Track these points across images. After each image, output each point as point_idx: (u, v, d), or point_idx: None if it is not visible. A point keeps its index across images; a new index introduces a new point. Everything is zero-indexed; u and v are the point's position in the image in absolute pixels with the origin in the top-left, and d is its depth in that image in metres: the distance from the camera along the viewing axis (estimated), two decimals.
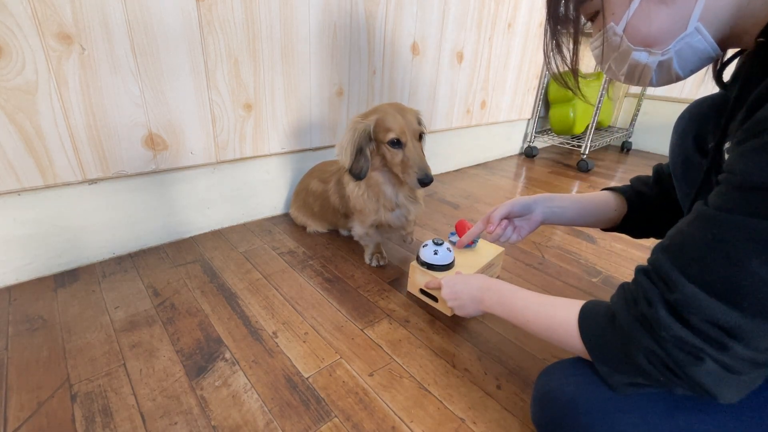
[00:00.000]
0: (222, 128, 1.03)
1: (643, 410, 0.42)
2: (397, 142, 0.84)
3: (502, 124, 1.99)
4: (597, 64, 0.56)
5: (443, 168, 1.79)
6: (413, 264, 0.85)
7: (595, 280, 0.99)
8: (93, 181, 0.90)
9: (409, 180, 0.84)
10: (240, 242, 1.08)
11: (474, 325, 0.80)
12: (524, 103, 2.03)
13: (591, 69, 2.30)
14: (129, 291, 0.86)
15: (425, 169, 0.83)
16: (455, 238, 0.92)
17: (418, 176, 0.83)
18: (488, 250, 0.92)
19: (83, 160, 0.86)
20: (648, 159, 2.23)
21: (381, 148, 0.87)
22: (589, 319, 0.46)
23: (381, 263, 1.00)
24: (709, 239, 0.35)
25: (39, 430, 0.55)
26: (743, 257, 0.33)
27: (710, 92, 0.57)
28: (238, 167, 1.12)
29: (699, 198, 0.40)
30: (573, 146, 2.06)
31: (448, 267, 0.82)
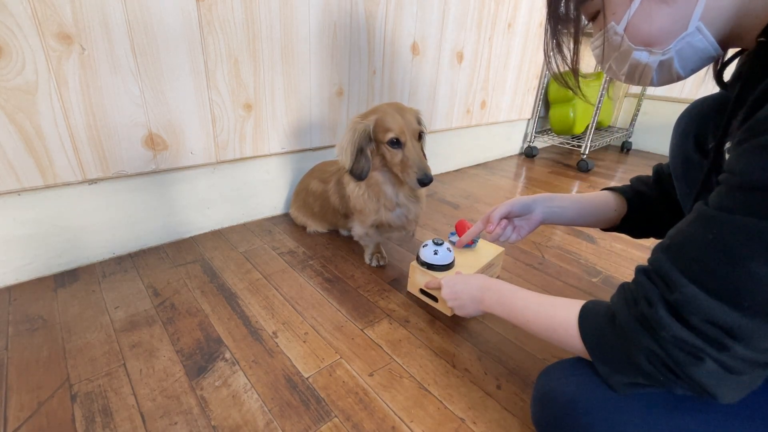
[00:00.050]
0: (222, 128, 1.03)
1: (643, 410, 0.42)
2: (397, 142, 0.84)
3: (502, 124, 1.99)
4: (597, 64, 0.56)
5: (443, 168, 1.79)
6: (413, 264, 0.85)
7: (595, 280, 0.99)
8: (93, 181, 0.90)
9: (409, 180, 0.84)
10: (240, 242, 1.08)
11: (474, 325, 0.80)
12: (524, 103, 2.03)
13: (591, 69, 2.30)
14: (129, 291, 0.86)
15: (425, 169, 0.83)
16: (455, 238, 0.92)
17: (418, 176, 0.83)
18: (488, 250, 0.92)
19: (83, 160, 0.86)
20: (648, 159, 2.22)
21: (381, 148, 0.87)
22: (589, 319, 0.46)
23: (381, 263, 1.00)
24: (710, 239, 0.35)
25: (39, 430, 0.55)
26: (743, 257, 0.33)
27: (710, 92, 0.57)
28: (238, 167, 1.12)
29: (699, 198, 0.40)
30: (573, 146, 2.06)
31: (448, 267, 0.82)
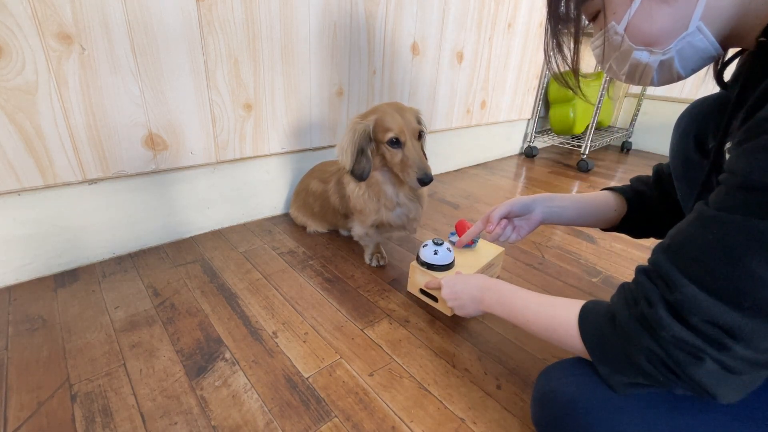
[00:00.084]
0: (222, 128, 1.03)
1: (643, 410, 0.42)
2: (396, 142, 0.84)
3: (502, 124, 1.99)
4: (597, 64, 0.56)
5: (443, 168, 1.79)
6: (413, 264, 0.85)
7: (595, 280, 0.99)
8: (93, 181, 0.90)
9: (409, 179, 0.84)
10: (240, 242, 1.08)
11: (474, 325, 0.80)
12: (524, 103, 2.03)
13: (591, 69, 2.30)
14: (129, 291, 0.86)
15: (425, 168, 0.83)
16: (455, 238, 0.92)
17: (418, 175, 0.82)
18: (488, 250, 0.92)
19: (83, 160, 0.86)
20: (648, 159, 2.22)
21: (381, 148, 0.86)
22: (589, 319, 0.46)
23: (381, 263, 1.00)
24: (710, 239, 0.35)
25: (39, 430, 0.55)
26: (744, 257, 0.33)
27: (711, 92, 0.57)
28: (238, 167, 1.12)
29: (700, 198, 0.40)
30: (573, 146, 2.06)
31: (448, 267, 0.82)
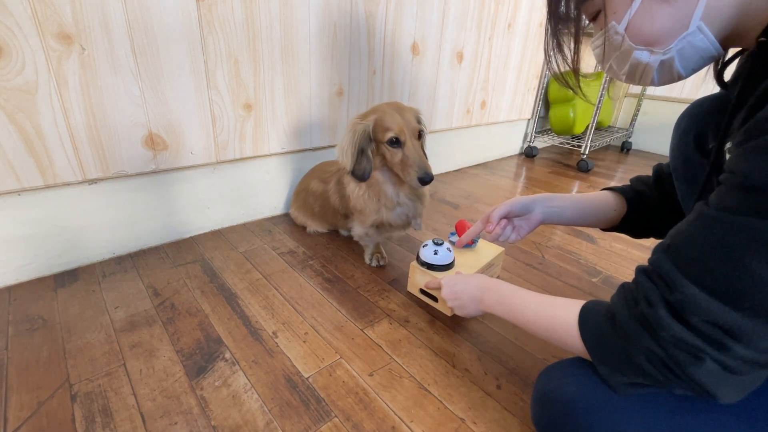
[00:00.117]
0: (222, 128, 1.03)
1: (643, 410, 0.42)
2: (396, 141, 0.84)
3: (502, 124, 1.99)
4: (598, 64, 0.56)
5: (443, 168, 1.79)
6: (413, 264, 0.85)
7: (595, 280, 0.99)
8: (93, 181, 0.90)
9: (409, 179, 0.84)
10: (240, 242, 1.08)
11: (474, 325, 0.80)
12: (524, 103, 2.03)
13: (591, 68, 2.30)
14: (129, 291, 0.86)
15: (425, 168, 0.83)
16: (455, 238, 0.92)
17: (418, 174, 0.82)
18: (488, 250, 0.92)
19: (83, 160, 0.86)
20: (648, 159, 2.22)
21: (381, 148, 0.86)
22: (589, 319, 0.46)
23: (381, 263, 1.00)
24: (710, 239, 0.35)
25: (39, 430, 0.55)
26: (744, 257, 0.33)
27: (711, 92, 0.57)
28: (238, 167, 1.12)
29: (700, 198, 0.40)
30: (573, 146, 2.06)
31: (448, 267, 0.82)
